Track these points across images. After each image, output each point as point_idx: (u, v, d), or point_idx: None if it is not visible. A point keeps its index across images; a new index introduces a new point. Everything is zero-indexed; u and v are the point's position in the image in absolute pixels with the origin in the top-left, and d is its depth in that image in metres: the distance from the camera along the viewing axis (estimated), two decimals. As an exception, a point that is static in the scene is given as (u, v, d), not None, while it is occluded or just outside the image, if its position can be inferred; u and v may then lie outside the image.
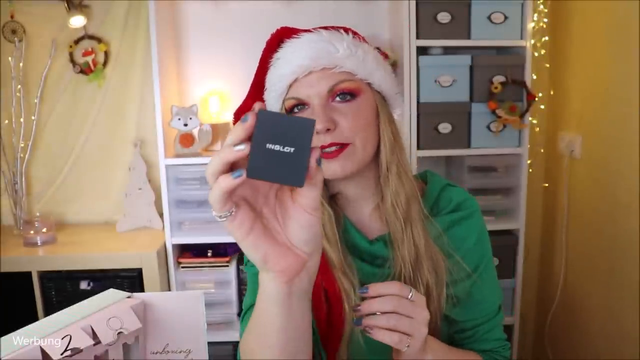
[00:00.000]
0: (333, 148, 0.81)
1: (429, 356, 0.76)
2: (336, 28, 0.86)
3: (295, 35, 0.85)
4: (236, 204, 0.53)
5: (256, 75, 0.91)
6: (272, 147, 0.50)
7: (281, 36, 0.87)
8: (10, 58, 1.99)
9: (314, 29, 0.86)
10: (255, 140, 0.50)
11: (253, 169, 0.50)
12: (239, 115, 0.92)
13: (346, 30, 0.86)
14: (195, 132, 1.89)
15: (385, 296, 0.71)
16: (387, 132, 0.85)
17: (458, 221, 0.91)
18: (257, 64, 0.90)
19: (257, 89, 0.91)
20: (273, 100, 0.87)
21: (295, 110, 0.84)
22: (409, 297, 0.71)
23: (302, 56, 0.81)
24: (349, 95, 0.82)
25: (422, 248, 0.85)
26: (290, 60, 0.82)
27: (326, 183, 0.91)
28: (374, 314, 0.71)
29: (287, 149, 0.50)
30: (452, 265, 0.87)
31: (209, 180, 0.52)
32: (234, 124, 0.93)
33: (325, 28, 0.86)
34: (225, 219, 0.53)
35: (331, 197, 0.92)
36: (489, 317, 0.92)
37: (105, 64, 2.04)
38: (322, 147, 0.80)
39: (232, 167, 0.51)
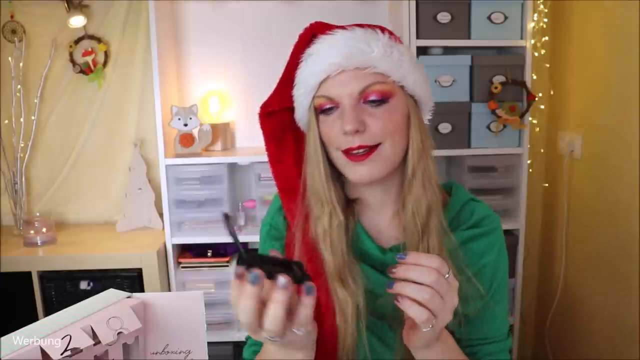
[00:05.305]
0: (362, 150, 0.79)
1: (438, 348, 0.72)
2: (372, 27, 0.83)
3: (330, 32, 0.82)
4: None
5: (286, 69, 0.88)
6: None
7: (315, 31, 0.84)
8: (10, 58, 1.99)
9: (349, 26, 0.83)
10: None
11: None
12: (265, 108, 0.90)
13: (382, 29, 0.83)
14: (195, 132, 1.89)
15: (424, 268, 0.65)
16: (416, 138, 0.83)
17: (477, 237, 0.88)
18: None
19: (285, 83, 0.88)
20: (302, 97, 0.84)
21: (326, 107, 0.81)
22: (446, 276, 0.66)
23: (335, 54, 0.78)
24: (381, 100, 0.79)
25: None
26: (322, 58, 0.80)
27: (347, 187, 0.89)
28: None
29: None
30: (463, 280, 0.81)
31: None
32: (259, 117, 0.90)
33: (361, 26, 0.83)
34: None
35: (349, 201, 0.90)
36: (495, 339, 0.88)
37: (105, 64, 2.04)
38: (351, 149, 0.79)
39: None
